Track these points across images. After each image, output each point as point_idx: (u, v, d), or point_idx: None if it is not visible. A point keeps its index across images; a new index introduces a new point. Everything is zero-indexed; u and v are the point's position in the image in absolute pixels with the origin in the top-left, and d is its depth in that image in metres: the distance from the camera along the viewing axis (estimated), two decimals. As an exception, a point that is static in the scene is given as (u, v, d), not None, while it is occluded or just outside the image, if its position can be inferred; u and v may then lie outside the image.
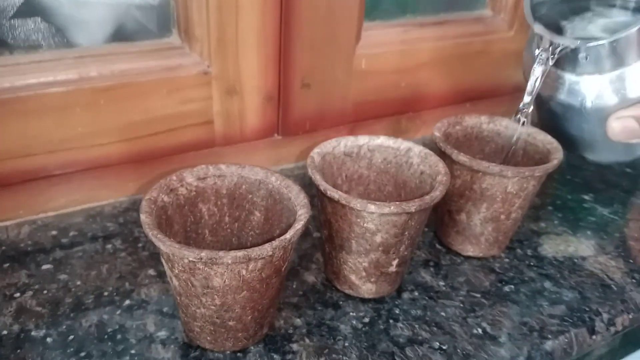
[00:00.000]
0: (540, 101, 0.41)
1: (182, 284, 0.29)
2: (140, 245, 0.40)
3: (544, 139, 0.41)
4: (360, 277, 0.35)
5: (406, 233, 0.33)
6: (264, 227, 0.34)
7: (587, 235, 0.45)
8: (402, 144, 0.38)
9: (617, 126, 0.36)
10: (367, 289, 0.36)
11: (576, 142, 0.41)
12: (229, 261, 0.26)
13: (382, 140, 0.38)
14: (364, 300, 0.37)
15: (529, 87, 0.38)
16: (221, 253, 0.26)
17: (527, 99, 0.39)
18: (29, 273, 0.37)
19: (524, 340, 0.35)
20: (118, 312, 0.34)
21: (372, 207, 0.31)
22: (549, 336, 0.35)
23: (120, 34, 0.42)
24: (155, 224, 0.29)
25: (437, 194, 0.33)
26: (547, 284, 0.39)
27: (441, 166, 0.35)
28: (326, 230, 0.35)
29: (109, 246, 0.40)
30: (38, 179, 0.41)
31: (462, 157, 0.37)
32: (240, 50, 0.44)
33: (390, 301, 0.37)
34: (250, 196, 0.34)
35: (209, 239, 0.35)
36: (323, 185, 0.32)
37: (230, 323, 0.30)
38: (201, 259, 0.26)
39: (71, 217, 0.43)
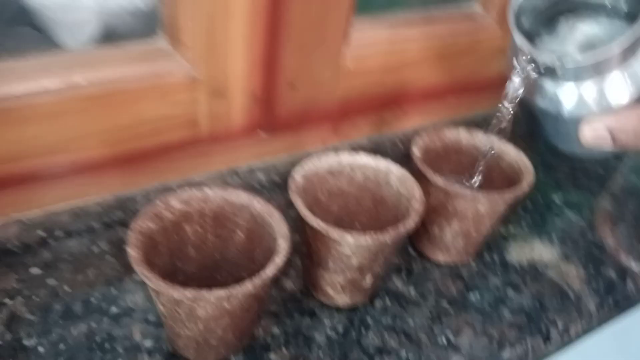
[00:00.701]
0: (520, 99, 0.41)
1: (167, 311, 0.31)
2: (124, 247, 0.42)
3: (517, 158, 0.42)
4: (336, 290, 0.38)
5: (380, 256, 0.35)
6: (245, 245, 0.36)
7: (553, 240, 0.48)
8: (382, 164, 0.40)
9: (589, 134, 0.37)
10: (342, 300, 0.39)
11: (552, 138, 0.42)
12: (213, 299, 0.28)
13: (363, 159, 0.40)
14: (339, 310, 0.39)
15: (508, 97, 0.39)
16: (205, 293, 0.28)
17: (506, 106, 0.39)
18: (18, 278, 0.38)
19: (483, 350, 0.38)
20: (105, 320, 0.37)
21: (348, 238, 0.33)
22: (507, 345, 0.38)
23: (108, 39, 0.41)
24: (142, 255, 0.30)
25: (411, 224, 0.34)
26: (510, 292, 0.42)
27: (417, 192, 0.37)
28: (305, 248, 0.37)
29: (94, 248, 0.41)
30: (25, 181, 0.42)
31: (437, 180, 0.39)
32: (229, 55, 0.44)
33: (363, 310, 0.40)
34: (233, 217, 0.36)
35: (193, 254, 0.36)
36: (303, 212, 0.34)
37: (213, 342, 0.32)
38: (186, 297, 0.28)
39: (57, 215, 0.44)
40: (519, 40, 0.38)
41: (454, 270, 0.44)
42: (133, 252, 0.30)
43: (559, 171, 0.57)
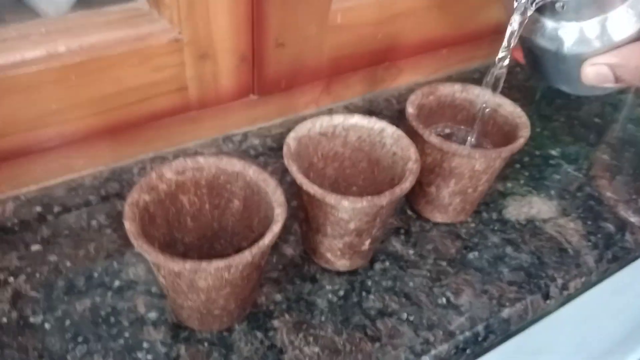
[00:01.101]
0: (520, 39, 0.41)
1: (168, 283, 0.31)
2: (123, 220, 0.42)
3: (513, 112, 0.42)
4: (336, 255, 0.38)
5: (377, 219, 0.35)
6: (243, 214, 0.36)
7: (551, 195, 0.48)
8: (375, 124, 0.39)
9: (591, 72, 0.36)
10: (342, 264, 0.39)
11: (553, 78, 0.42)
12: (212, 270, 0.29)
13: (356, 119, 0.39)
14: (339, 274, 0.40)
15: (505, 40, 0.38)
16: (204, 264, 0.28)
17: (503, 52, 0.39)
18: (19, 255, 0.39)
19: (483, 308, 0.38)
20: (109, 294, 0.37)
21: (345, 203, 0.33)
22: (507, 304, 0.39)
23: (87, 1, 0.40)
24: (139, 228, 0.30)
25: (407, 185, 0.34)
26: (509, 250, 0.43)
27: (412, 151, 0.37)
28: (303, 213, 0.37)
29: (93, 222, 0.42)
30: (17, 156, 0.41)
31: (432, 139, 0.38)
32: (212, 14, 0.43)
33: (363, 273, 0.40)
34: (228, 186, 0.35)
35: (191, 224, 0.36)
36: (299, 178, 0.34)
37: (216, 312, 0.33)
38: (186, 269, 0.28)
39: (53, 190, 0.44)
40: None
41: (452, 229, 0.44)
42: (130, 226, 0.30)
43: (555, 121, 0.56)
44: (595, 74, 0.36)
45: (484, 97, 0.42)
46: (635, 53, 0.34)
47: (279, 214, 0.32)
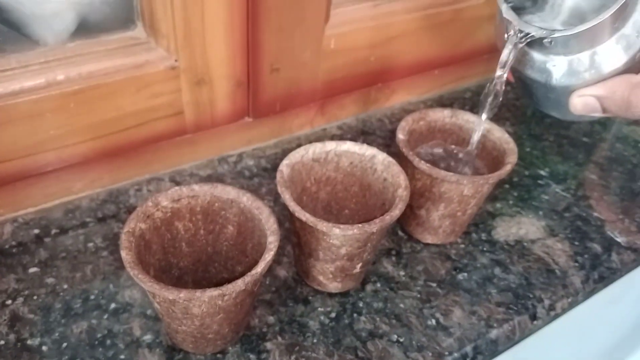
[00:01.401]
0: (511, 68, 0.41)
1: (163, 309, 0.32)
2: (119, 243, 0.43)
3: (501, 138, 0.43)
4: (328, 278, 0.39)
5: (368, 244, 0.37)
6: (237, 239, 0.37)
7: (539, 215, 0.49)
8: (367, 150, 0.40)
9: (579, 103, 0.37)
10: (334, 286, 0.40)
11: (542, 105, 0.42)
12: (206, 299, 0.30)
13: (348, 146, 0.40)
14: (331, 295, 0.41)
15: (500, 61, 0.39)
16: (198, 293, 0.29)
17: (499, 72, 0.40)
18: (17, 277, 0.40)
19: (472, 329, 0.39)
20: (105, 316, 0.38)
21: (337, 230, 0.34)
22: (495, 325, 0.40)
23: (85, 30, 0.41)
24: (135, 256, 0.31)
25: (396, 212, 0.35)
26: (497, 271, 0.44)
27: (402, 178, 0.38)
28: (295, 238, 0.39)
29: (90, 244, 0.43)
30: (15, 180, 0.43)
31: (422, 166, 0.39)
32: (208, 41, 0.44)
33: (354, 294, 0.41)
34: (223, 212, 0.37)
35: (186, 249, 0.37)
36: (292, 206, 0.35)
37: (210, 336, 0.34)
38: (180, 298, 0.29)
39: (51, 212, 0.45)
40: (507, 14, 0.38)
41: (442, 250, 0.45)
42: (126, 255, 0.31)
43: (545, 140, 0.58)
44: (583, 104, 0.37)
45: (475, 124, 0.43)
46: (622, 86, 0.35)
47: (272, 242, 0.33)
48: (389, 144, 0.55)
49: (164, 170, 0.50)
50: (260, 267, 0.31)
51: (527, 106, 0.63)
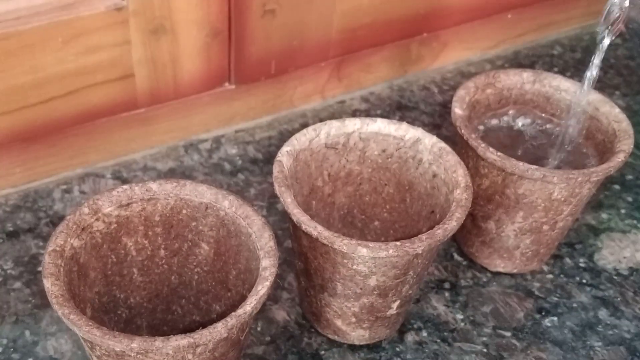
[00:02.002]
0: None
1: (106, 367, 0.32)
2: (40, 269, 0.43)
3: (609, 113, 0.43)
4: (349, 322, 0.39)
5: (410, 272, 0.37)
6: (214, 264, 0.37)
7: (665, 231, 0.49)
8: (407, 132, 0.40)
9: None
10: (358, 335, 0.40)
11: None
12: (170, 351, 0.30)
13: (379, 125, 0.41)
14: (353, 348, 0.41)
15: (605, 17, 0.39)
16: (158, 342, 0.29)
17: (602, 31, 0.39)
18: None
19: (565, 401, 0.39)
20: (19, 378, 0.38)
21: (363, 251, 0.34)
22: (599, 394, 0.40)
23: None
24: (65, 288, 0.32)
25: (453, 224, 0.35)
26: (603, 313, 0.44)
27: (460, 174, 0.38)
28: (301, 263, 0.39)
29: (-4, 271, 0.43)
30: None
31: (490, 154, 0.40)
32: (170, -31, 0.45)
33: (389, 348, 0.41)
34: (193, 224, 0.37)
35: (139, 279, 0.38)
36: (296, 215, 0.35)
37: (174, 408, 0.34)
38: (132, 349, 0.30)
39: (-63, 224, 0.45)
40: None
41: (520, 283, 0.45)
42: (51, 286, 0.31)
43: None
44: None
45: (567, 92, 0.43)
46: None
47: (267, 268, 0.33)
48: (439, 124, 0.55)
49: (105, 162, 0.50)
50: (249, 305, 0.31)
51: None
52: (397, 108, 0.57)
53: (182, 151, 0.52)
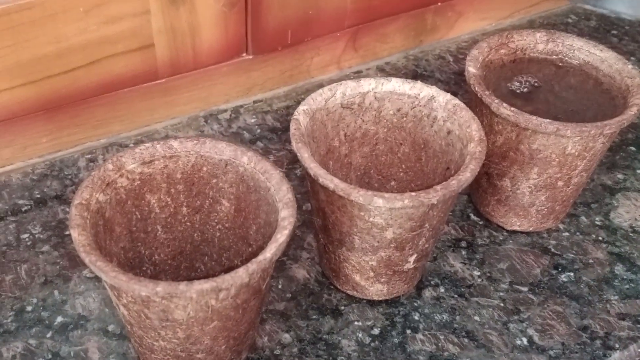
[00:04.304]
0: None
1: (133, 315, 0.33)
2: (67, 233, 0.44)
3: (623, 70, 0.44)
4: (367, 277, 0.40)
5: (426, 225, 0.37)
6: (235, 220, 0.38)
7: (681, 190, 0.49)
8: (422, 90, 0.41)
9: None
10: (377, 290, 0.41)
11: None
12: (194, 295, 0.31)
13: (394, 84, 0.41)
14: (372, 304, 0.42)
15: None
16: (182, 286, 0.30)
17: None
18: None
19: (582, 352, 0.40)
20: (49, 334, 0.39)
21: (379, 201, 0.35)
22: (617, 345, 0.40)
23: None
24: (92, 239, 0.33)
25: (467, 175, 0.36)
26: (619, 269, 0.44)
27: (474, 129, 0.39)
28: (320, 219, 0.40)
29: (25, 236, 0.44)
30: None
31: (504, 110, 0.40)
32: (187, -61, 0.46)
33: (407, 303, 0.42)
34: (214, 181, 0.38)
35: (163, 236, 0.39)
36: (314, 169, 0.36)
37: (199, 356, 0.35)
38: (157, 293, 0.31)
39: (-33, 192, 0.47)
40: None
41: (536, 240, 0.46)
42: (78, 236, 0.32)
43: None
44: None
45: (580, 50, 0.44)
46: None
47: (286, 218, 0.34)
48: (455, 92, 0.56)
49: (127, 132, 0.51)
50: (269, 252, 0.32)
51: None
52: (413, 77, 0.57)
53: (202, 121, 0.53)
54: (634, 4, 0.39)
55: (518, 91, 0.45)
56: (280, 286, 0.42)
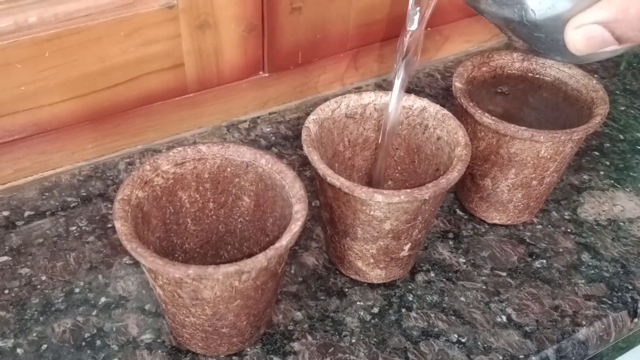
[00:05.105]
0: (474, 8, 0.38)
1: (167, 294, 0.34)
2: (109, 225, 0.45)
3: (588, 84, 0.44)
4: (368, 263, 0.40)
5: (419, 218, 0.38)
6: (254, 214, 0.39)
7: (639, 189, 0.50)
8: (415, 102, 0.41)
9: (579, 39, 0.32)
10: (376, 275, 0.41)
11: (537, 49, 0.37)
12: (220, 277, 0.31)
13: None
14: (372, 286, 0.42)
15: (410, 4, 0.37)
16: (210, 269, 0.31)
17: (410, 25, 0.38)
18: (-15, 268, 0.42)
19: (554, 328, 0.40)
20: (94, 312, 0.40)
21: (378, 197, 0.35)
22: (583, 322, 0.41)
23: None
24: (133, 230, 0.33)
25: (454, 175, 0.37)
26: (585, 256, 0.45)
27: (461, 135, 0.39)
28: (327, 213, 0.40)
29: (73, 228, 0.45)
30: (-21, 150, 0.45)
31: (486, 119, 0.40)
32: (212, -27, 0.46)
33: (402, 286, 0.42)
34: (236, 180, 0.38)
35: (192, 227, 0.39)
36: (322, 169, 0.36)
37: (224, 330, 0.36)
38: (188, 275, 0.31)
39: (23, 190, 0.47)
40: None
41: (513, 232, 0.46)
42: (121, 226, 0.33)
43: (646, 100, 0.58)
44: (585, 39, 0.32)
45: (551, 68, 0.44)
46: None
47: (299, 211, 0.34)
48: (442, 105, 0.56)
49: (161, 140, 0.52)
50: (285, 240, 0.32)
51: (622, 54, 0.63)
52: (406, 92, 0.57)
53: (225, 130, 0.53)
54: None
55: (499, 90, 0.46)
56: (292, 271, 0.43)
